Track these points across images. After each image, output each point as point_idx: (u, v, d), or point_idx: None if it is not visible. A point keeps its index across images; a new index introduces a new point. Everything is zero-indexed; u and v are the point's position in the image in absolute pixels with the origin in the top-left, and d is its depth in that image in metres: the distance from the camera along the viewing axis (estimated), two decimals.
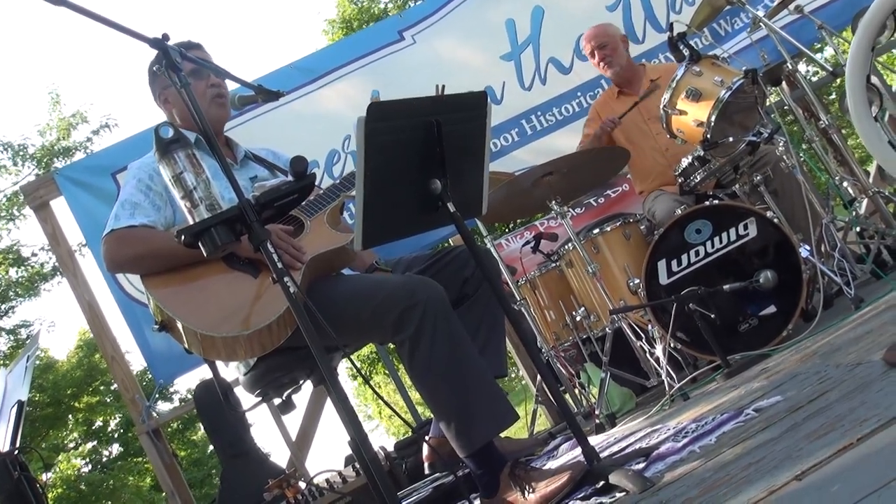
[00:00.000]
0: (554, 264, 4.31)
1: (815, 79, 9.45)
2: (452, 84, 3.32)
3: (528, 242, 4.49)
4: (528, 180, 3.69)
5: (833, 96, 17.32)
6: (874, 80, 5.75)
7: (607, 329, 3.73)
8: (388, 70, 5.68)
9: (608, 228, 3.94)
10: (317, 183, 2.62)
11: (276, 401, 2.73)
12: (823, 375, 2.06)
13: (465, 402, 2.32)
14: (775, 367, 2.72)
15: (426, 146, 2.22)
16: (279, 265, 1.89)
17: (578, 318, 4.04)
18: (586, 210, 5.93)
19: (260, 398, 2.67)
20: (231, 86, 2.83)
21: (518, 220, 9.15)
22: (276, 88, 2.57)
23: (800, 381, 2.19)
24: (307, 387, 2.83)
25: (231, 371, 2.69)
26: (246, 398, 2.71)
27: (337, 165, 5.47)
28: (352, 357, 2.35)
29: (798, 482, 1.30)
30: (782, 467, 1.42)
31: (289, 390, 2.72)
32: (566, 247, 4.11)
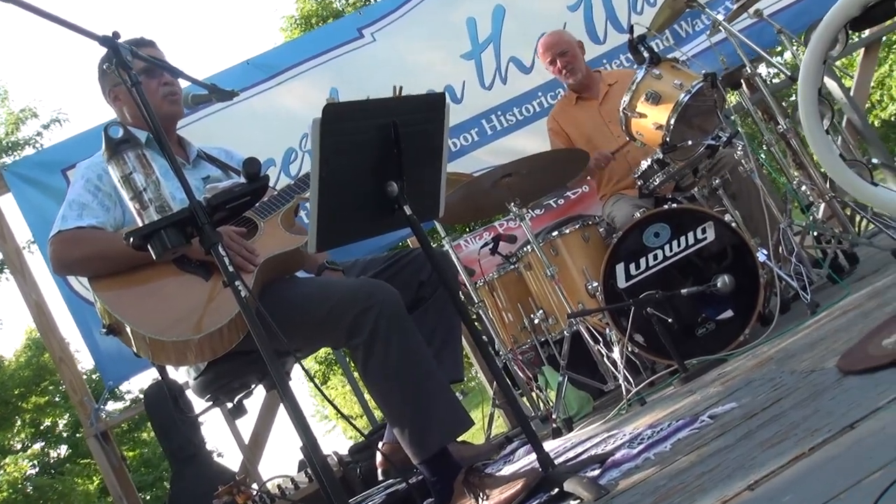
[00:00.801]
0: (512, 266, 4.29)
1: (776, 81, 9.52)
2: (412, 82, 3.28)
3: (486, 244, 4.47)
4: (488, 181, 3.67)
5: (793, 98, 17.51)
6: (829, 83, 5.83)
7: (565, 332, 3.71)
8: (347, 68, 5.64)
9: (567, 231, 3.94)
10: (273, 180, 2.58)
11: (228, 405, 2.68)
12: (778, 382, 2.06)
13: (419, 407, 2.30)
14: (731, 373, 2.72)
15: (383, 148, 2.18)
16: (230, 268, 1.84)
17: (536, 321, 4.03)
18: (546, 211, 5.91)
19: (210, 403, 2.62)
20: (185, 83, 2.77)
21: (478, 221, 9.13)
22: (233, 86, 2.54)
23: (755, 387, 2.20)
24: (260, 389, 2.78)
25: (182, 374, 2.64)
26: (198, 402, 2.66)
27: (294, 164, 5.41)
28: (303, 362, 2.31)
29: (750, 492, 1.30)
30: (735, 476, 1.41)
31: (240, 395, 2.67)
32: (525, 249, 4.10)
